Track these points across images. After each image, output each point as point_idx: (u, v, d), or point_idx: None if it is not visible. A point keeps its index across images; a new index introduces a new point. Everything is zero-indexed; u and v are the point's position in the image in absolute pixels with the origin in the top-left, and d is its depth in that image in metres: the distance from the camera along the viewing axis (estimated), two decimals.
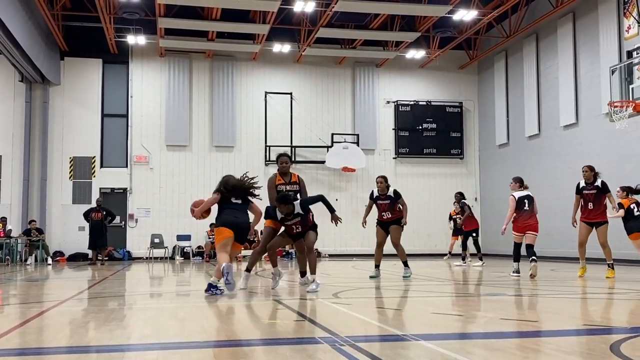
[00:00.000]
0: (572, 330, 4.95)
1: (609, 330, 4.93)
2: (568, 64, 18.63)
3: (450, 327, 5.26)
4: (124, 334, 4.89)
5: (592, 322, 5.29)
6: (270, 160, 22.76)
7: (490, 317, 5.70)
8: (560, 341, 4.43)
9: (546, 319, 5.60)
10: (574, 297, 7.89)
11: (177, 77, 22.43)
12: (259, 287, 9.52)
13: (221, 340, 4.54)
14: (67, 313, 6.41)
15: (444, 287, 9.69)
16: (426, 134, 23.96)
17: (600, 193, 10.35)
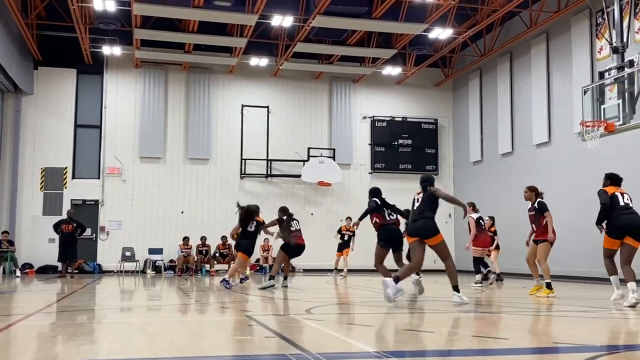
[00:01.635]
0: (543, 348, 4.97)
1: (579, 348, 4.96)
2: (541, 83, 18.90)
3: (422, 344, 5.25)
4: (91, 349, 4.79)
5: (562, 341, 5.31)
6: (246, 173, 22.68)
7: (461, 334, 5.70)
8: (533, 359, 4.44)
9: (517, 336, 5.61)
10: (545, 315, 7.94)
11: (153, 88, 22.28)
12: (231, 303, 9.42)
13: (190, 357, 4.46)
14: (34, 327, 6.27)
15: (416, 303, 9.68)
16: (402, 150, 24.09)
17: (538, 214, 10.46)
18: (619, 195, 8.97)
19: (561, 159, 17.82)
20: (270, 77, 23.17)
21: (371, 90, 24.10)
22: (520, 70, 20.20)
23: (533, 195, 10.60)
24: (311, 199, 23.19)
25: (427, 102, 24.56)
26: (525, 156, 19.72)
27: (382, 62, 21.99)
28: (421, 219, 8.84)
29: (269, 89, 23.36)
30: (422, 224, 8.76)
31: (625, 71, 12.93)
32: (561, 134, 17.98)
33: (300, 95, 23.62)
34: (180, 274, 19.77)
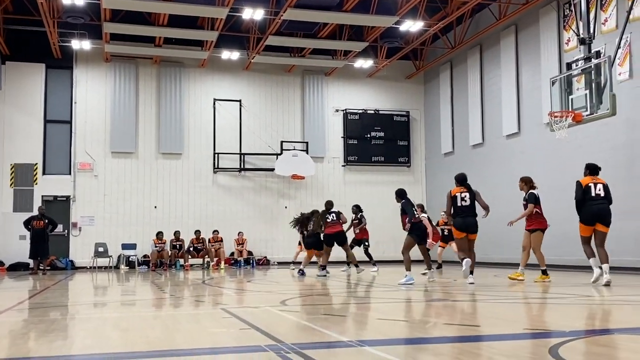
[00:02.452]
0: (513, 334, 5.07)
1: (548, 334, 5.08)
2: (510, 74, 19.14)
3: (395, 332, 5.32)
4: (64, 345, 4.77)
5: (532, 327, 5.43)
6: (219, 167, 22.60)
7: (434, 322, 5.79)
8: (502, 345, 4.54)
9: (488, 323, 5.72)
10: (515, 302, 8.09)
11: (123, 82, 22.05)
12: (206, 296, 9.42)
13: (164, 350, 4.48)
14: (6, 324, 6.21)
15: (390, 293, 9.78)
16: (374, 142, 24.21)
17: (526, 202, 11.24)
18: (592, 186, 10.02)
19: (530, 149, 18.09)
20: (242, 70, 23.08)
21: (343, 83, 24.15)
22: (490, 62, 20.42)
23: (525, 187, 11.32)
24: (285, 193, 23.20)
25: (399, 94, 24.70)
26: (496, 147, 19.97)
27: (353, 55, 22.05)
28: (473, 217, 10.53)
29: (241, 83, 23.28)
30: (475, 222, 10.54)
31: (592, 62, 13.15)
32: (530, 125, 18.24)
33: (272, 88, 23.58)
34: (154, 269, 19.66)
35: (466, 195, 10.56)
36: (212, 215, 22.06)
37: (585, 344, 4.55)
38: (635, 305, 7.49)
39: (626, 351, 4.34)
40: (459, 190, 10.66)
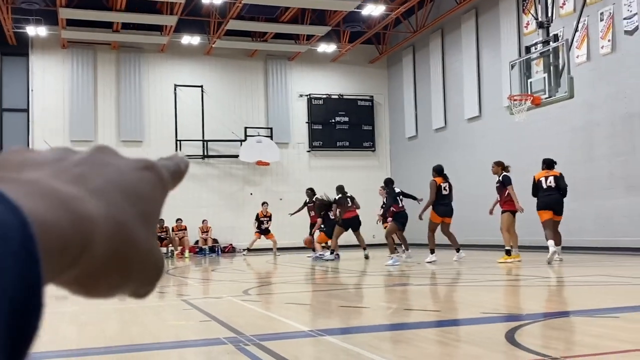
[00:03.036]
0: (471, 318, 5.13)
1: (505, 318, 5.15)
2: (471, 58, 19.28)
3: (356, 319, 5.34)
4: None
5: (490, 311, 5.50)
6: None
7: (395, 308, 5.83)
8: (460, 330, 4.58)
9: (448, 308, 5.78)
10: (476, 286, 8.19)
11: (81, 69, 21.58)
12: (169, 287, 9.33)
13: (122, 345, 4.41)
14: None
15: (353, 279, 9.83)
16: (339, 127, 24.20)
17: (502, 186, 11.59)
18: (544, 180, 11.12)
19: (491, 133, 18.29)
20: (203, 55, 22.78)
21: (307, 68, 24.04)
22: (451, 46, 20.53)
23: (499, 169, 11.74)
24: (250, 179, 23.07)
25: (363, 79, 24.70)
26: (458, 131, 20.14)
27: (316, 39, 21.94)
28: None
29: (203, 68, 22.99)
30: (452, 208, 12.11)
31: (551, 45, 13.29)
32: (491, 108, 18.43)
33: (235, 74, 23.34)
34: None
35: (447, 185, 11.87)
36: (175, 204, 21.80)
37: (541, 327, 4.62)
38: (592, 287, 7.65)
39: (580, 334, 4.42)
40: (442, 181, 11.78)
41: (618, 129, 13.90)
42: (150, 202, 0.41)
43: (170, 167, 0.46)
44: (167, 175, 0.44)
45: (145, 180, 0.42)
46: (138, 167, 0.42)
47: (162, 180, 0.43)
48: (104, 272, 0.36)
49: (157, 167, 0.43)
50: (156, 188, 0.43)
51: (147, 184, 0.42)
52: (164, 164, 0.45)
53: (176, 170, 0.47)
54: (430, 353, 3.78)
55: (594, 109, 14.58)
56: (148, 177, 0.42)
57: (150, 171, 0.43)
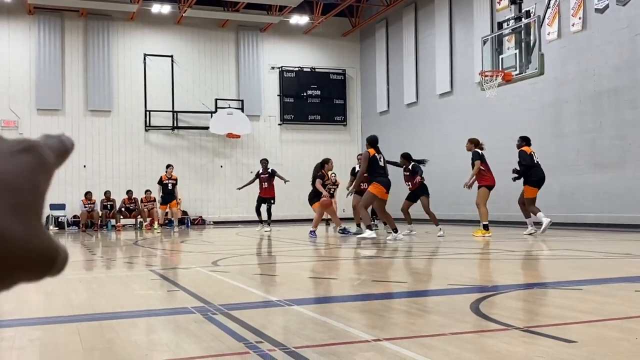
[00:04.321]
0: (438, 290, 5.20)
1: (471, 289, 5.22)
2: (444, 33, 19.28)
3: (324, 290, 5.37)
4: None
5: (457, 282, 5.58)
6: (151, 125, 22.06)
7: (362, 280, 5.88)
8: (425, 301, 4.64)
9: (415, 279, 5.85)
10: (444, 259, 8.29)
11: (48, 36, 21.05)
12: (137, 258, 9.27)
13: (88, 314, 4.37)
14: None
15: (322, 251, 9.88)
16: (311, 101, 24.10)
17: (472, 162, 11.79)
18: (534, 154, 11.54)
19: (463, 109, 18.40)
20: (174, 25, 22.40)
21: (279, 40, 23.80)
22: (424, 21, 20.49)
23: (472, 146, 11.92)
24: (220, 151, 22.91)
25: (336, 52, 24.56)
26: (429, 106, 20.21)
27: (289, 10, 21.69)
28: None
29: (173, 38, 22.61)
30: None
31: (522, 22, 13.36)
32: (462, 84, 18.51)
33: (206, 44, 23.01)
34: (85, 230, 19.20)
35: (382, 157, 11.29)
36: (144, 175, 21.59)
37: (506, 299, 4.70)
38: (556, 260, 7.81)
39: (544, 305, 4.51)
40: (375, 152, 11.24)
41: (586, 106, 14.10)
42: (28, 190, 0.39)
43: (55, 145, 0.44)
44: (51, 154, 0.42)
45: (23, 165, 0.39)
46: (17, 150, 0.40)
47: (44, 162, 0.41)
48: None
49: (38, 148, 0.41)
50: (37, 171, 0.40)
51: (24, 169, 0.39)
52: (48, 143, 0.43)
53: (61, 148, 0.44)
54: (396, 322, 3.82)
55: (564, 86, 14.74)
56: (27, 160, 0.40)
57: (30, 153, 0.40)
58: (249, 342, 3.24)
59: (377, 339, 3.26)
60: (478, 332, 3.52)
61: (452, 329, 3.51)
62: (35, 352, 3.17)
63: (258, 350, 3.05)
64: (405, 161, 12.63)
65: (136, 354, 3.16)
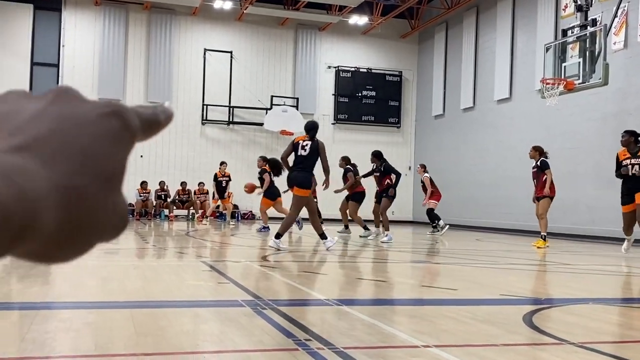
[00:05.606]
0: (490, 299, 5.11)
1: (524, 301, 5.12)
2: (505, 39, 18.95)
3: (373, 292, 5.35)
4: (41, 291, 4.76)
5: (509, 293, 5.47)
6: (207, 119, 22.41)
7: (411, 284, 5.83)
8: (477, 310, 4.56)
9: (465, 287, 5.76)
10: (495, 268, 8.15)
11: (113, 28, 21.63)
12: (188, 248, 9.43)
13: (141, 301, 4.47)
14: None
15: (372, 253, 9.84)
16: (365, 101, 24.05)
17: (539, 171, 11.10)
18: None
19: (521, 116, 18.05)
20: (235, 21, 22.68)
21: (337, 39, 23.83)
22: (485, 25, 20.19)
23: (537, 154, 11.25)
24: (273, 148, 23.05)
25: (393, 54, 24.44)
26: (486, 111, 19.90)
27: (348, 10, 21.69)
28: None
29: (233, 34, 22.91)
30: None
31: (588, 30, 13.02)
32: (522, 91, 18.16)
33: (264, 41, 23.23)
34: (139, 219, 19.65)
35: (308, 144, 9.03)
36: (198, 167, 21.95)
37: (560, 312, 4.59)
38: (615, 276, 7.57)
39: (599, 321, 4.38)
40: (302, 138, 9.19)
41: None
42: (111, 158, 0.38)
43: (146, 115, 0.42)
44: (137, 123, 0.40)
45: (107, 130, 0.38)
46: (102, 114, 0.38)
47: (128, 129, 0.39)
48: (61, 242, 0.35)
49: (123, 114, 0.39)
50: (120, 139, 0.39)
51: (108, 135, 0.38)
52: (138, 111, 0.41)
53: (152, 119, 0.42)
54: (446, 329, 3.77)
55: (628, 98, 14.29)
56: (110, 126, 0.38)
57: (116, 118, 0.39)
58: (298, 339, 3.26)
59: (426, 345, 3.22)
60: (531, 345, 3.44)
61: (503, 340, 3.44)
62: (90, 334, 3.26)
63: (307, 348, 3.06)
64: (376, 159, 12.22)
65: (187, 343, 3.21)
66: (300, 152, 8.89)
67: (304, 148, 8.88)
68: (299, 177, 8.78)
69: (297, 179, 8.77)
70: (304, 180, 8.76)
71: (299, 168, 8.84)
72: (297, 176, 8.78)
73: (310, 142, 8.92)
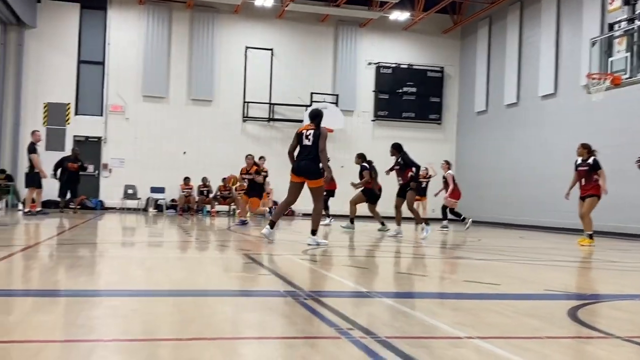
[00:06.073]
0: (533, 294, 5.05)
1: (569, 296, 5.04)
2: (550, 34, 18.62)
3: (414, 286, 5.34)
4: (89, 280, 4.88)
5: (553, 288, 5.40)
6: (248, 116, 22.60)
7: (454, 279, 5.79)
8: (520, 304, 4.51)
9: (509, 282, 5.70)
10: (539, 264, 8.03)
11: (156, 26, 21.99)
12: (230, 242, 9.54)
13: (185, 290, 4.56)
14: (34, 257, 6.37)
15: (412, 248, 9.80)
16: (406, 98, 23.92)
17: (591, 170, 10.74)
18: None
19: (565, 112, 17.72)
20: (275, 18, 22.82)
21: (377, 35, 23.75)
22: (530, 20, 19.87)
23: (586, 152, 10.90)
24: None
25: (434, 49, 24.24)
26: (530, 107, 19.59)
27: (389, 6, 21.61)
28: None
29: (274, 31, 23.05)
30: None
31: (636, 24, 12.72)
32: (567, 86, 17.82)
33: (305, 38, 23.31)
34: (182, 214, 19.95)
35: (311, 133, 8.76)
36: (239, 164, 22.07)
37: (605, 308, 4.51)
38: None
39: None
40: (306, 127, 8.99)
41: None
42: None
43: None
44: None
45: None
46: None
47: None
48: None
49: None
50: None
51: None
52: None
53: None
54: (489, 322, 3.74)
55: None
56: None
57: None
58: (340, 328, 3.28)
59: (469, 336, 3.21)
60: (576, 338, 3.39)
61: (548, 333, 3.41)
62: (137, 320, 3.34)
63: (349, 337, 3.08)
64: (395, 152, 11.83)
65: (232, 329, 3.27)
66: (305, 142, 8.71)
67: (308, 137, 8.70)
68: (309, 168, 8.58)
69: (308, 170, 8.58)
70: (314, 171, 8.59)
71: (306, 157, 8.64)
72: (307, 168, 8.58)
73: (313, 130, 8.73)
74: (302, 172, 8.62)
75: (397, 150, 11.71)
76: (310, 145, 8.61)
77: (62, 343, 2.82)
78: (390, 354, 2.78)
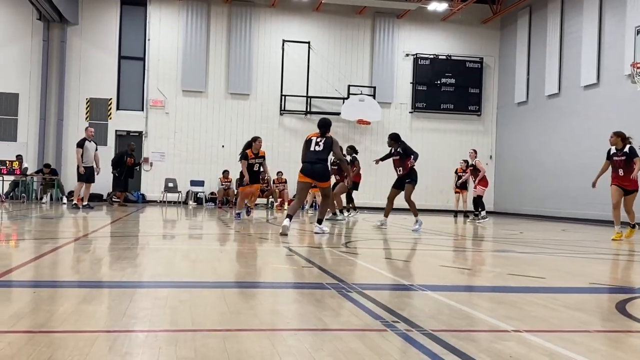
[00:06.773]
0: (579, 288, 4.98)
1: (616, 290, 4.96)
2: (592, 22, 18.21)
3: (457, 279, 5.31)
4: (136, 272, 4.98)
5: (600, 282, 5.31)
6: (285, 109, 22.68)
7: (497, 272, 5.74)
8: (567, 298, 4.46)
9: (554, 276, 5.63)
10: (584, 257, 7.91)
11: (195, 21, 22.21)
12: (269, 234, 9.62)
13: (231, 282, 4.62)
14: (80, 250, 6.53)
15: (454, 241, 9.74)
16: (444, 89, 23.70)
17: (629, 159, 10.18)
18: None
19: (609, 102, 17.33)
20: (312, 11, 22.82)
21: (415, 26, 23.56)
22: (571, 9, 19.46)
23: (619, 140, 10.30)
24: (350, 137, 23.10)
25: (473, 40, 23.94)
26: (572, 98, 19.22)
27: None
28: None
29: (311, 24, 23.05)
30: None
31: None
32: (610, 76, 17.42)
33: (342, 31, 23.26)
34: (221, 207, 20.16)
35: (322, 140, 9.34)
36: (277, 157, 22.28)
37: None
38: None
39: None
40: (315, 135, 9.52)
41: None
42: None
43: None
44: None
45: None
46: None
47: None
48: None
49: None
50: None
51: None
52: None
53: None
54: (536, 316, 3.71)
55: None
56: None
57: None
58: (386, 320, 3.29)
59: (517, 329, 3.19)
60: (625, 332, 3.34)
61: (596, 327, 3.36)
62: (186, 311, 3.40)
63: (395, 330, 3.09)
64: (393, 142, 11.48)
65: (279, 321, 3.30)
66: (315, 148, 9.30)
67: (319, 144, 9.31)
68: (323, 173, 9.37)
69: (321, 175, 9.34)
70: (324, 173, 9.38)
71: (318, 162, 9.27)
72: (321, 173, 9.33)
73: (324, 138, 9.34)
74: (314, 176, 9.33)
75: (395, 141, 11.53)
76: (321, 150, 9.28)
77: (114, 333, 2.89)
78: (437, 347, 2.78)
